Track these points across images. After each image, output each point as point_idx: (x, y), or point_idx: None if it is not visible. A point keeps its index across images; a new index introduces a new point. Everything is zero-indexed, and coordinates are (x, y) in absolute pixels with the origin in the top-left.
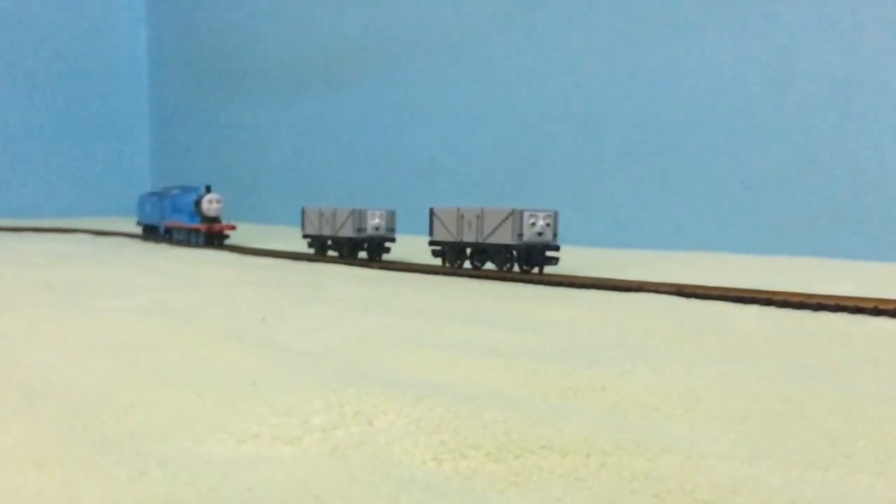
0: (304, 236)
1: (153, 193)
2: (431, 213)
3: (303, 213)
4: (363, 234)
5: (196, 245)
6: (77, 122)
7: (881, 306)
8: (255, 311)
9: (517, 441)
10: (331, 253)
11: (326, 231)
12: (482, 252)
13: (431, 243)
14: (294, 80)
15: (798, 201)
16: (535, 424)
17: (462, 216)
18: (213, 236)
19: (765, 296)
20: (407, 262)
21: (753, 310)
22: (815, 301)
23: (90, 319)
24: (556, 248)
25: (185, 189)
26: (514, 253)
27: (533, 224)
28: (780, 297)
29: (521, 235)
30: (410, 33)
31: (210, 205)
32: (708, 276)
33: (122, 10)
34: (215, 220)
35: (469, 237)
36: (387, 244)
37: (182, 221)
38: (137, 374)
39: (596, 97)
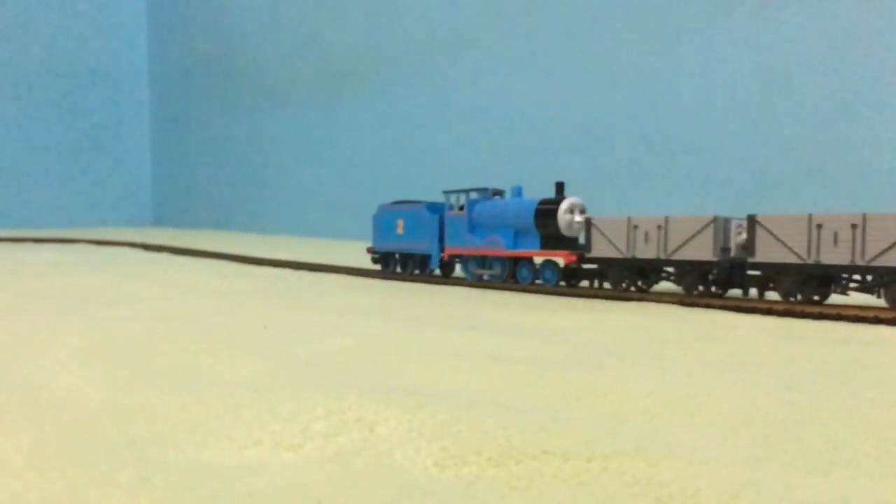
0: (588, 259)
1: (407, 203)
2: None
3: (588, 226)
4: (727, 257)
5: (544, 286)
6: (78, 134)
7: (881, 315)
8: (257, 320)
9: (519, 447)
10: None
11: (646, 252)
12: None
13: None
14: (294, 91)
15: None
16: (537, 430)
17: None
18: (572, 273)
19: (766, 305)
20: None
21: (754, 319)
22: (815, 310)
23: (92, 327)
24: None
25: (486, 192)
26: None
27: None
28: (781, 307)
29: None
30: (409, 44)
31: (572, 216)
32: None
33: (124, 23)
34: (575, 243)
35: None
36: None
37: (500, 246)
38: (139, 382)
39: (594, 105)
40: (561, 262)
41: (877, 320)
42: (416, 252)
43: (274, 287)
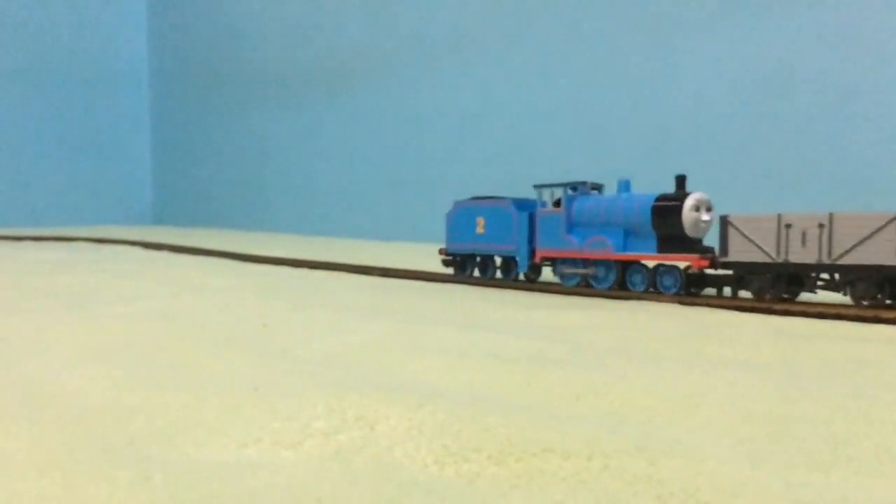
0: (727, 265)
1: (488, 199)
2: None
3: (725, 225)
4: None
5: (660, 293)
6: (78, 132)
7: (881, 315)
8: (257, 318)
9: (519, 444)
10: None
11: (804, 256)
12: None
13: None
14: (294, 89)
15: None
16: (537, 428)
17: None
18: (697, 280)
19: (765, 305)
20: (408, 270)
21: (755, 318)
22: (815, 310)
23: (92, 326)
24: None
25: (584, 186)
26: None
27: None
28: (781, 308)
29: None
30: (410, 42)
31: (698, 214)
32: None
33: (124, 20)
34: (699, 244)
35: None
36: None
37: (607, 248)
38: (139, 380)
39: (596, 103)
40: (683, 265)
41: (877, 319)
42: (500, 254)
43: (274, 285)
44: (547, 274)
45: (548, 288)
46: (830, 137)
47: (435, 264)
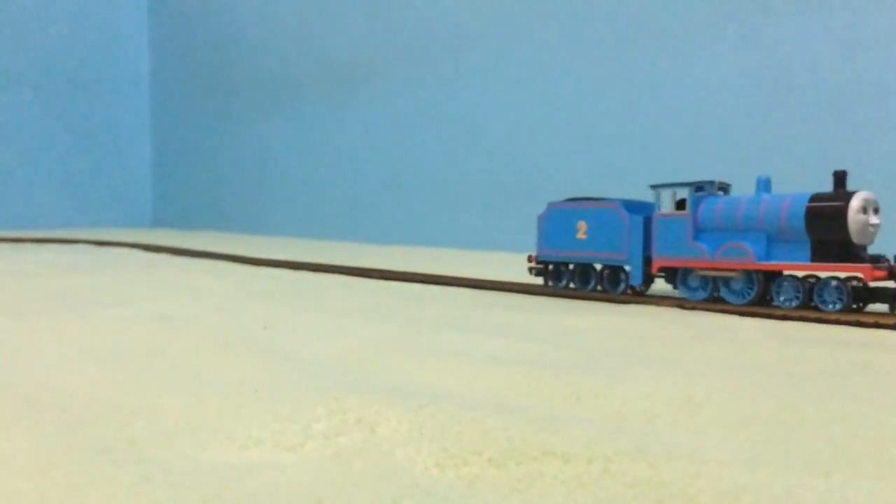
0: None
1: (590, 201)
2: None
3: None
4: None
5: (826, 310)
6: (79, 135)
7: (881, 321)
8: (257, 320)
9: (519, 447)
10: None
11: None
12: None
13: None
14: (294, 92)
15: None
16: (538, 431)
17: None
18: (865, 294)
19: (765, 310)
20: (409, 273)
21: (754, 322)
22: (814, 315)
23: (92, 328)
24: None
25: (711, 185)
26: None
27: None
28: (780, 312)
29: None
30: (411, 45)
31: (866, 217)
32: None
33: (126, 24)
34: (863, 252)
35: None
36: None
37: (746, 257)
38: (139, 382)
39: (595, 107)
40: (843, 276)
41: (877, 325)
42: (606, 263)
43: (274, 288)
44: (659, 286)
45: (548, 291)
46: (833, 140)
47: (435, 266)
